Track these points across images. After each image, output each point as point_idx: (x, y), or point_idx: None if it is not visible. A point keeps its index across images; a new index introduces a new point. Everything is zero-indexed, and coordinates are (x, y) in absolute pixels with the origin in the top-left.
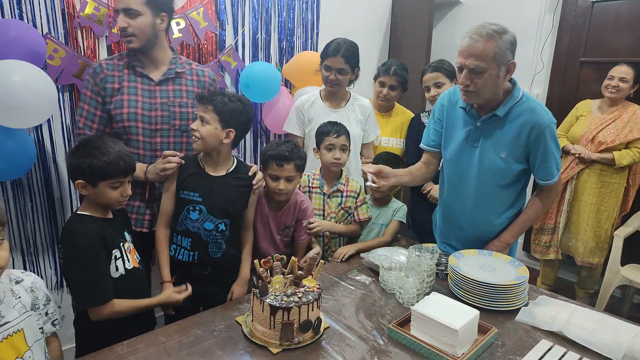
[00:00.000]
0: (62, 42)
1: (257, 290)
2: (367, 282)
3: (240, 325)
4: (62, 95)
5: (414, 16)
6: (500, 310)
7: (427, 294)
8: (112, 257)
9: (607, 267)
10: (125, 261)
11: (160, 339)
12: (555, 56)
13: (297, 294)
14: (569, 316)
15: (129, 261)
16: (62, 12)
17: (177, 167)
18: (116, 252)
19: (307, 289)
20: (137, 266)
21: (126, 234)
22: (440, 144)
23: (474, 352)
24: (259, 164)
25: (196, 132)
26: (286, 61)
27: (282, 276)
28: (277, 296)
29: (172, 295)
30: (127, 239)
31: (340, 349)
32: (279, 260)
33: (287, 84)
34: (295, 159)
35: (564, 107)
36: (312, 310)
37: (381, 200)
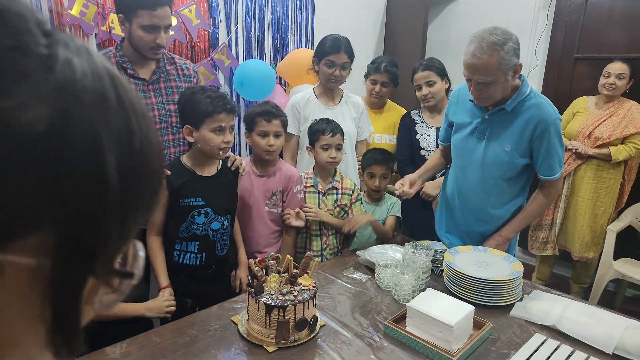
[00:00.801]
0: None
1: (253, 289)
2: (363, 280)
3: (235, 324)
4: None
5: (409, 13)
6: (495, 305)
7: (423, 290)
8: None
9: (600, 262)
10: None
11: (154, 339)
12: (549, 52)
13: (293, 292)
14: (562, 310)
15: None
16: (50, 9)
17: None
18: None
19: (303, 288)
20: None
21: None
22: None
23: (469, 347)
24: (247, 153)
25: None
26: (280, 59)
27: (277, 275)
28: (272, 295)
29: (162, 308)
30: None
31: (336, 347)
32: (274, 259)
33: (282, 81)
34: (281, 115)
35: (558, 102)
36: (308, 308)
37: (376, 196)
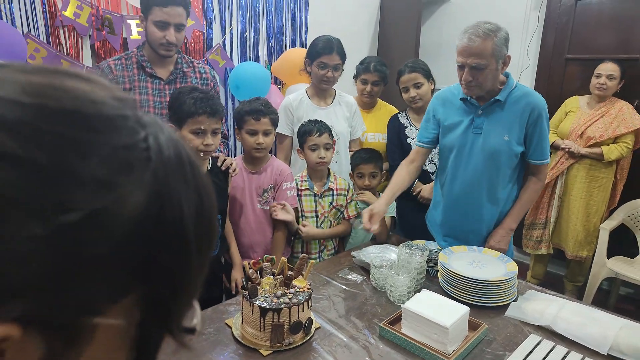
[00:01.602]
0: (44, 41)
1: (247, 292)
2: (358, 281)
3: (230, 327)
4: None
5: (403, 14)
6: (490, 306)
7: (418, 291)
8: None
9: (593, 260)
10: None
11: None
12: (541, 53)
13: (287, 294)
14: (557, 310)
15: None
16: (43, 11)
17: None
18: None
19: (298, 290)
20: None
21: None
22: (434, 141)
23: (465, 349)
24: (237, 152)
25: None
26: (275, 59)
27: (272, 277)
28: (266, 298)
29: None
30: None
31: (331, 349)
32: (269, 260)
33: (277, 81)
34: (270, 113)
35: (549, 102)
36: (303, 311)
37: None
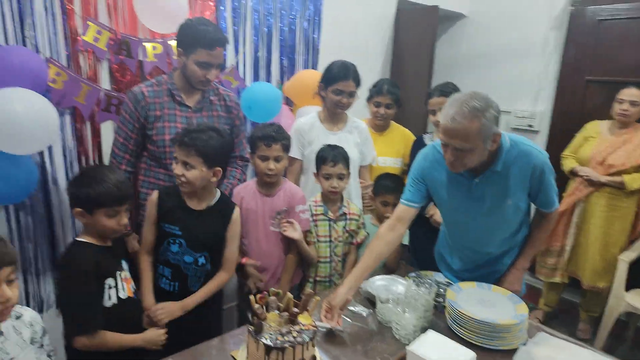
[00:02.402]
0: (65, 65)
1: (253, 327)
2: (364, 314)
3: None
4: (63, 118)
5: (418, 30)
6: (498, 349)
7: (425, 329)
8: (106, 285)
9: (611, 293)
10: (119, 290)
11: None
12: (561, 73)
13: (292, 332)
14: (567, 358)
15: (123, 290)
16: (65, 35)
17: (157, 198)
18: (110, 281)
19: (302, 327)
20: (131, 296)
21: (124, 263)
22: (421, 201)
23: None
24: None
25: (182, 177)
26: (287, 79)
27: (277, 313)
28: (272, 335)
29: (156, 338)
30: (125, 268)
31: None
32: (275, 294)
33: (288, 101)
34: (281, 139)
35: (568, 124)
36: (307, 349)
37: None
